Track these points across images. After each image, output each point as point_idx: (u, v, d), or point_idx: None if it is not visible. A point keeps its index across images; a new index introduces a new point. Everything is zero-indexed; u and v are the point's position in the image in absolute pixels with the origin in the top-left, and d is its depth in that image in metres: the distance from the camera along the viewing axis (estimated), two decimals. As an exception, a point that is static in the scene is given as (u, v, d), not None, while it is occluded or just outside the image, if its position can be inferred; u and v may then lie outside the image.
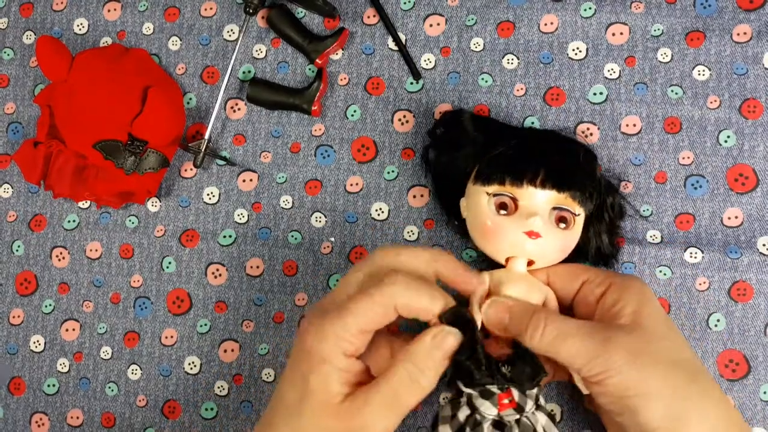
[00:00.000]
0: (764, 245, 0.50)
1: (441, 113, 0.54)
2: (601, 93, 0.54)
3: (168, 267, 0.56)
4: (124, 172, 0.55)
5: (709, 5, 0.54)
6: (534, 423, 0.41)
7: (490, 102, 0.55)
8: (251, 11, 0.55)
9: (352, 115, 0.56)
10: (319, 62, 0.55)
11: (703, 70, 0.53)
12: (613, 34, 0.54)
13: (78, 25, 0.60)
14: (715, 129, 0.52)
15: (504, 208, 0.44)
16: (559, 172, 0.44)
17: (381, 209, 0.55)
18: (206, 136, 0.55)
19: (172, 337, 0.55)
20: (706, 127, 0.52)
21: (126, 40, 0.59)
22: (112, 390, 0.55)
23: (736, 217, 0.51)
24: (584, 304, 0.44)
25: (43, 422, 0.56)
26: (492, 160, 0.46)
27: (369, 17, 0.57)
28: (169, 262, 0.56)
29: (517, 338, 0.41)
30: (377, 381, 0.40)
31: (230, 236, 0.56)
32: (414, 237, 0.54)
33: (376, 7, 0.56)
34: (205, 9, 0.59)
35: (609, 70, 0.54)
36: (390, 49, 0.56)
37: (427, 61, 0.56)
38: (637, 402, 0.39)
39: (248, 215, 0.56)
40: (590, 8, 0.54)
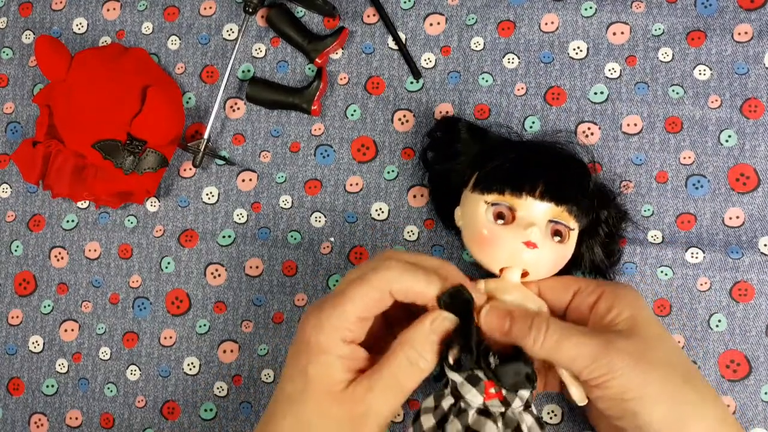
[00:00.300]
0: (766, 245, 0.50)
1: (439, 117, 0.54)
2: (602, 92, 0.54)
3: (167, 267, 0.56)
4: (123, 172, 0.54)
5: (710, 5, 0.54)
6: (520, 420, 0.40)
7: (491, 101, 0.54)
8: (251, 10, 0.54)
9: (352, 115, 0.56)
10: (319, 61, 0.55)
11: (704, 70, 0.53)
12: (614, 34, 0.54)
13: (77, 25, 0.60)
14: (717, 129, 0.52)
15: (501, 218, 0.44)
16: (559, 186, 0.44)
17: (381, 209, 0.54)
18: (205, 136, 0.55)
19: (171, 337, 0.55)
20: (707, 126, 0.52)
21: (125, 40, 0.59)
22: (111, 391, 0.55)
23: (738, 217, 0.51)
24: (577, 313, 0.45)
25: (41, 423, 0.56)
26: (492, 169, 0.46)
27: (369, 16, 0.57)
28: (168, 263, 0.56)
29: (518, 343, 0.41)
30: (378, 366, 0.40)
31: (229, 236, 0.56)
32: (414, 237, 0.54)
33: (376, 6, 0.56)
34: (205, 8, 0.59)
35: (610, 70, 0.54)
36: (390, 48, 0.56)
37: (428, 60, 0.56)
38: (638, 405, 0.39)
39: (247, 215, 0.56)
40: (591, 7, 0.54)
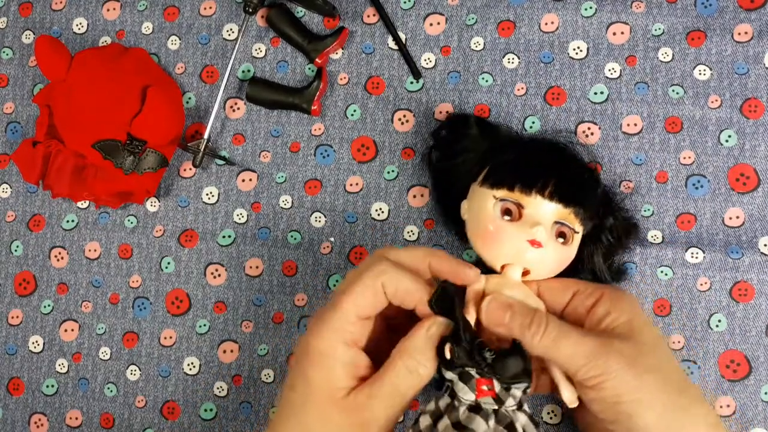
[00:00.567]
0: (765, 245, 0.50)
1: (446, 115, 0.54)
2: (602, 92, 0.54)
3: (167, 267, 0.56)
4: (123, 172, 0.54)
5: (710, 5, 0.54)
6: (514, 419, 0.39)
7: (491, 101, 0.54)
8: (251, 10, 0.54)
9: (352, 115, 0.56)
10: (319, 61, 0.55)
11: (704, 70, 0.53)
12: (614, 34, 0.54)
13: (77, 25, 0.60)
14: (716, 129, 0.52)
15: (508, 214, 0.44)
16: (569, 187, 0.44)
17: (381, 209, 0.54)
18: (205, 136, 0.55)
19: (171, 337, 0.55)
20: (707, 126, 0.52)
21: (125, 40, 0.59)
22: (111, 391, 0.55)
23: (738, 217, 0.51)
24: (574, 315, 0.45)
25: (41, 423, 0.56)
26: (504, 164, 0.46)
27: (369, 16, 0.57)
28: (168, 263, 0.56)
29: (517, 336, 0.41)
30: (379, 375, 0.40)
31: (229, 236, 0.56)
32: (414, 237, 0.54)
33: (375, 6, 0.56)
34: (205, 8, 0.59)
35: (610, 70, 0.54)
36: (390, 48, 0.56)
37: (427, 60, 0.56)
38: (632, 408, 0.39)
39: (247, 215, 0.56)
40: (591, 8, 0.54)
